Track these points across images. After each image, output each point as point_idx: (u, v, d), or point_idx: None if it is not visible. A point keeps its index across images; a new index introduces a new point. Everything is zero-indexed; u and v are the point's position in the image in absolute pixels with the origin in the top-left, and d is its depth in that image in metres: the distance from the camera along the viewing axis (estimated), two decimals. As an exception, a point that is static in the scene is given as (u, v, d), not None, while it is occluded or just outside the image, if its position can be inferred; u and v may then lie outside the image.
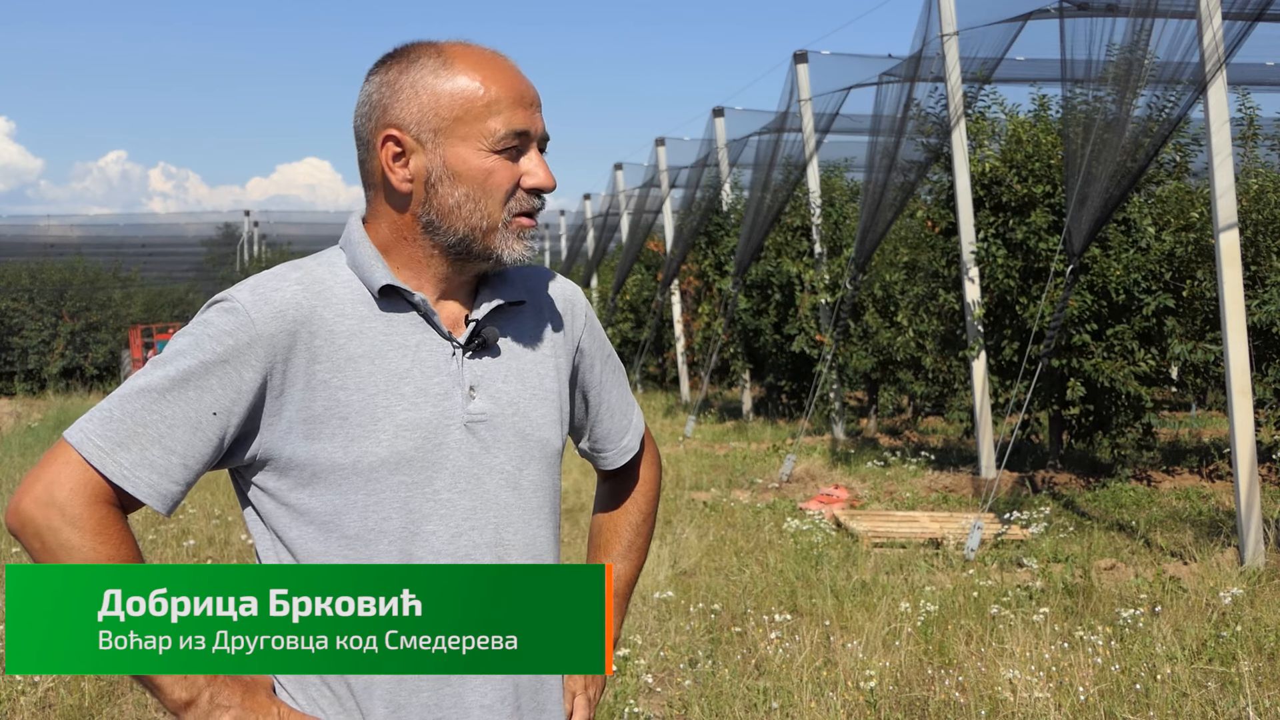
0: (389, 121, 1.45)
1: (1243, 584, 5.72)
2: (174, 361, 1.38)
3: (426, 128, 1.44)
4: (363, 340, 1.44)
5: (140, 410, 1.37)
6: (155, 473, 1.37)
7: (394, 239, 1.49)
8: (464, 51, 1.47)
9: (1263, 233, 10.31)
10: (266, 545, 1.46)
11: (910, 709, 4.26)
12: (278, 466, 1.43)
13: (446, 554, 1.45)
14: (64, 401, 18.87)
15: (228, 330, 1.38)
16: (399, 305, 1.47)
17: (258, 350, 1.39)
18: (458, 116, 1.44)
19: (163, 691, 1.34)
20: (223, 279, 28.13)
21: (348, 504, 1.42)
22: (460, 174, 1.44)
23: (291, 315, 1.41)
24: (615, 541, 1.78)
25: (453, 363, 1.48)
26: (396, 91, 1.45)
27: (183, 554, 6.60)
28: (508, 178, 1.46)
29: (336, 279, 1.46)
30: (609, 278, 21.77)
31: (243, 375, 1.38)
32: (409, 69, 1.46)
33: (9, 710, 4.20)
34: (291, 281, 1.44)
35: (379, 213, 1.50)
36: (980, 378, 9.26)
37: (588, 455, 1.77)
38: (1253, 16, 6.26)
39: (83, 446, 1.35)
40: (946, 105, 9.30)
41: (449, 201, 1.45)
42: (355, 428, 1.41)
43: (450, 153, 1.44)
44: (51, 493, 1.34)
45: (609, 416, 1.73)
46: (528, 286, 1.59)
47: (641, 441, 1.80)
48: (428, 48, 1.47)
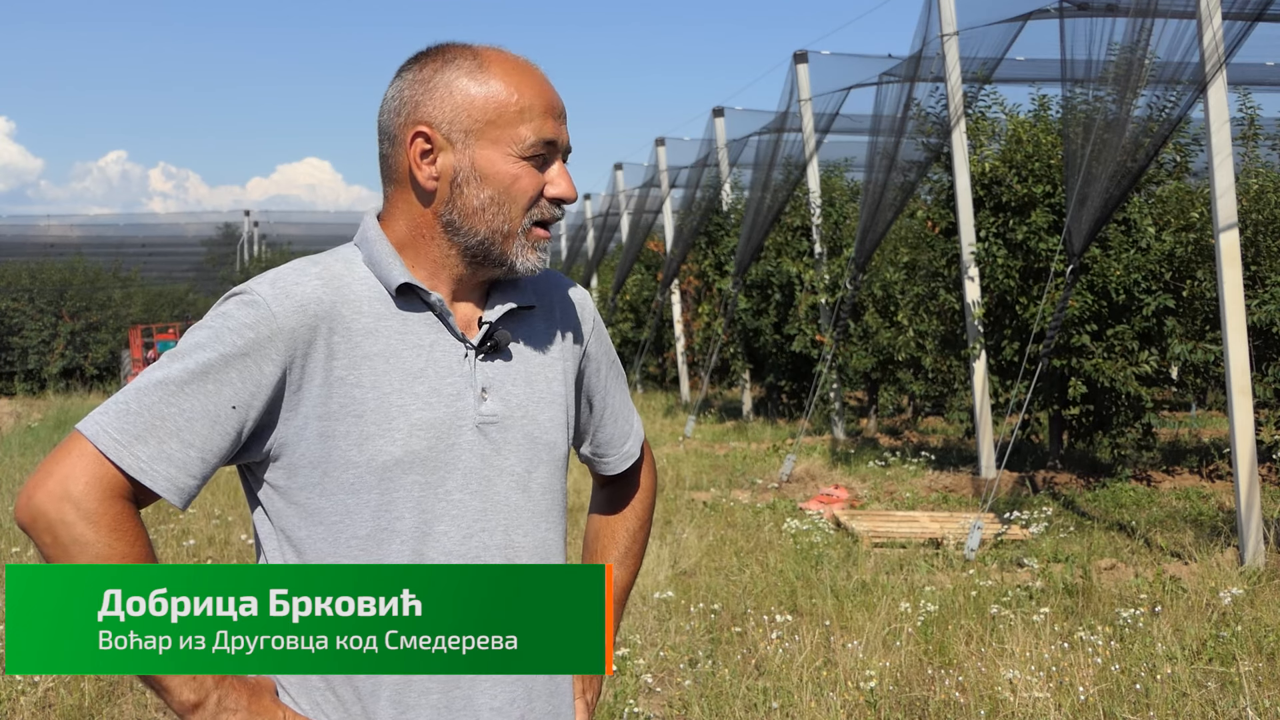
0: (420, 118, 1.45)
1: (1243, 584, 5.72)
2: (193, 354, 1.36)
3: (458, 127, 1.44)
4: (379, 338, 1.43)
5: (158, 403, 1.34)
6: (173, 466, 1.35)
7: (412, 236, 1.48)
8: (499, 57, 1.48)
9: (1263, 233, 10.32)
10: (273, 547, 1.45)
11: (910, 709, 4.26)
12: (290, 463, 1.42)
13: (457, 555, 1.44)
14: (64, 401, 18.87)
15: (248, 323, 1.37)
16: (415, 304, 1.47)
17: (278, 344, 1.38)
18: (490, 120, 1.44)
19: (170, 694, 1.33)
20: (223, 279, 28.17)
21: (360, 503, 1.41)
22: (487, 176, 1.45)
23: (313, 310, 1.40)
24: (612, 547, 1.78)
25: (465, 364, 1.48)
26: (430, 89, 1.45)
27: (183, 554, 6.60)
28: (532, 185, 1.47)
29: (354, 276, 1.46)
30: (609, 278, 21.77)
31: (263, 369, 1.37)
32: (444, 69, 1.46)
33: (9, 710, 4.20)
34: (312, 276, 1.43)
35: (398, 209, 1.49)
36: (980, 378, 9.27)
37: (588, 460, 1.77)
38: (1253, 16, 6.26)
39: (99, 439, 1.33)
40: (946, 105, 9.30)
41: (474, 203, 1.45)
42: (370, 425, 1.41)
43: (479, 155, 1.45)
44: (66, 486, 1.31)
45: (612, 422, 1.73)
46: (539, 291, 1.59)
47: (641, 448, 1.80)
48: (464, 49, 1.48)
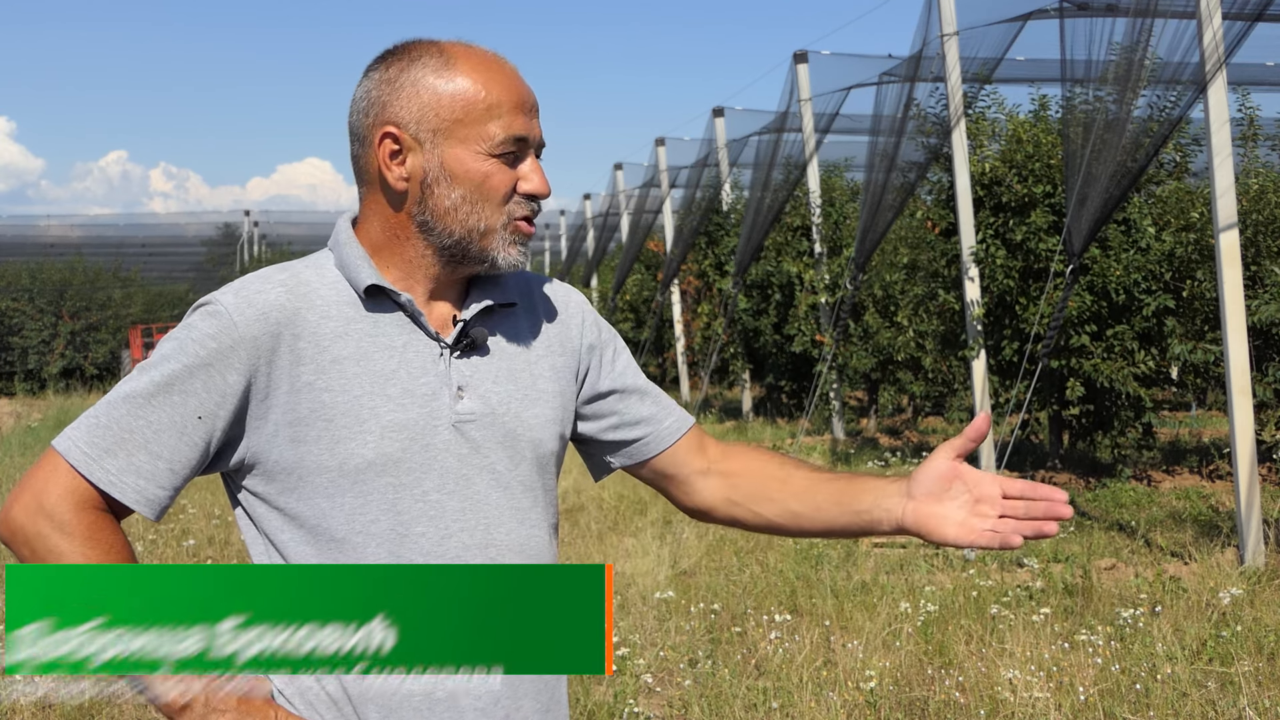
0: (387, 119, 1.44)
1: (1243, 584, 5.72)
2: (159, 366, 1.38)
3: (426, 127, 1.43)
4: (348, 342, 1.43)
5: (126, 416, 1.36)
6: (142, 478, 1.36)
7: (386, 238, 1.47)
8: (466, 53, 1.46)
9: (1263, 233, 10.31)
10: (260, 550, 1.46)
11: (910, 709, 4.26)
12: (265, 470, 1.42)
13: (435, 555, 1.44)
14: (64, 401, 18.86)
15: (210, 334, 1.38)
16: (385, 306, 1.46)
17: (240, 353, 1.38)
18: (458, 118, 1.43)
19: (158, 696, 1.33)
20: (223, 279, 27.98)
21: (334, 506, 1.41)
22: (457, 176, 1.43)
23: (275, 317, 1.40)
24: (776, 472, 1.63)
25: (440, 363, 1.46)
26: (397, 89, 1.44)
27: (183, 554, 6.60)
28: (504, 182, 1.45)
29: (323, 280, 1.45)
30: (609, 278, 21.76)
31: (226, 379, 1.38)
32: (410, 67, 1.44)
33: (9, 710, 4.20)
34: (275, 284, 1.43)
35: (371, 211, 1.48)
36: (980, 378, 9.26)
37: (634, 453, 1.64)
38: (1253, 16, 6.26)
39: (70, 454, 1.35)
40: (946, 105, 9.29)
41: (445, 203, 1.44)
42: (341, 429, 1.40)
43: (448, 154, 1.43)
44: (40, 500, 1.34)
45: (640, 402, 1.64)
46: (520, 289, 1.58)
47: (690, 423, 1.68)
48: (429, 46, 1.46)
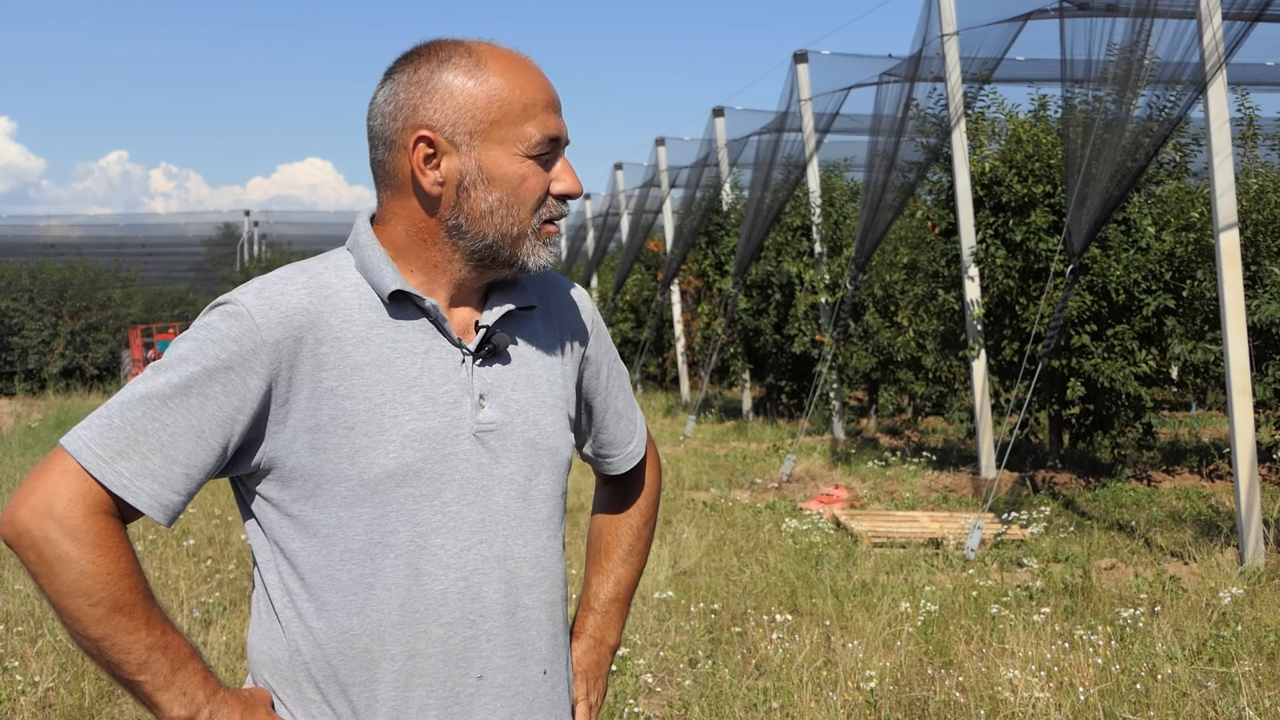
0: (420, 122, 1.40)
1: (1243, 584, 5.72)
2: (176, 367, 1.33)
3: (462, 130, 1.40)
4: (370, 347, 1.39)
5: (141, 418, 1.31)
6: (156, 482, 1.31)
7: (411, 241, 1.44)
8: (495, 53, 1.43)
9: (1263, 233, 10.32)
10: (266, 558, 1.42)
11: (910, 709, 4.26)
12: (281, 476, 1.39)
13: (455, 568, 1.42)
14: (64, 401, 18.85)
15: (232, 336, 1.34)
16: (409, 311, 1.43)
17: (262, 357, 1.34)
18: (494, 120, 1.40)
19: (160, 709, 1.31)
20: (223, 279, 28.14)
21: (353, 516, 1.38)
22: (495, 178, 1.41)
23: (298, 321, 1.36)
24: (616, 545, 1.76)
25: (462, 370, 1.44)
26: (429, 91, 1.40)
27: (183, 554, 6.60)
28: (540, 184, 1.43)
29: (344, 283, 1.42)
30: (609, 278, 21.76)
31: (247, 382, 1.34)
32: (440, 68, 1.41)
33: (9, 710, 4.20)
34: (298, 285, 1.39)
35: (396, 214, 1.44)
36: (980, 378, 9.26)
37: (592, 460, 1.75)
38: (1253, 16, 6.26)
39: (81, 455, 1.30)
40: (946, 105, 9.30)
41: (481, 206, 1.41)
42: (361, 438, 1.37)
43: (486, 156, 1.40)
44: (49, 503, 1.28)
45: (615, 423, 1.71)
46: (539, 291, 1.56)
47: (645, 446, 1.78)
48: (457, 46, 1.43)
